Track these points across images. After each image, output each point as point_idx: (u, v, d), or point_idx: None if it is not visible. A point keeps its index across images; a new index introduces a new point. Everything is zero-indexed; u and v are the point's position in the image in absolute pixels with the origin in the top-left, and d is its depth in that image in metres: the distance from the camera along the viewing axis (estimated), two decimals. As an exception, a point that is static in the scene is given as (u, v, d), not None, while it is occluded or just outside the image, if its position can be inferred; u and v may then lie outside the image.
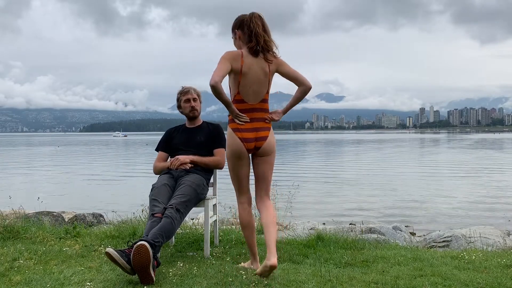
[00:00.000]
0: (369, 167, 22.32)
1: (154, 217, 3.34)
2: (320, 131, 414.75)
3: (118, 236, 4.39)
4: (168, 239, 3.26)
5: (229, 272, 3.10)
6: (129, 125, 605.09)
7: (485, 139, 70.77)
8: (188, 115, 4.11)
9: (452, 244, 4.98)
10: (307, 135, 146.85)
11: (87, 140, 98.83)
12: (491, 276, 3.03)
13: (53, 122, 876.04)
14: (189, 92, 4.08)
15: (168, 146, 4.15)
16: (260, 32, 3.11)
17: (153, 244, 3.01)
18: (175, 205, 3.40)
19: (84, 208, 9.40)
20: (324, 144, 62.79)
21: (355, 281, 2.94)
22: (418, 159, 29.54)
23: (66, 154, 40.48)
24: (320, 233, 4.33)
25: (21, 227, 4.48)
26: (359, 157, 32.44)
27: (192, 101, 4.07)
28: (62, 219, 6.20)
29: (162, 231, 3.18)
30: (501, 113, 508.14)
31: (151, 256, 2.91)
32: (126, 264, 2.91)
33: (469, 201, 11.42)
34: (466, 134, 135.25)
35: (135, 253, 2.88)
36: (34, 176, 20.03)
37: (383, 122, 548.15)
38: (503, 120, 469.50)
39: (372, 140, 77.55)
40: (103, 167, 24.59)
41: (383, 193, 12.94)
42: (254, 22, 3.11)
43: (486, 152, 35.89)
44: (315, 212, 9.83)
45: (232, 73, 3.11)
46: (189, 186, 3.63)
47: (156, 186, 3.68)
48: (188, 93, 4.07)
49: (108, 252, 2.93)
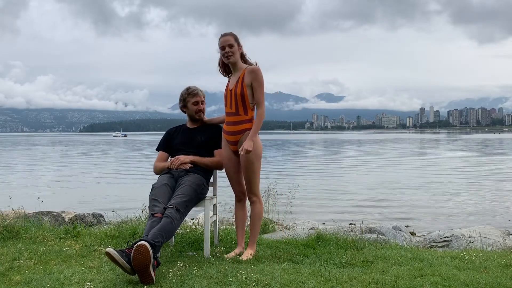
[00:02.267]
0: (369, 167, 22.32)
1: (154, 217, 3.34)
2: (320, 131, 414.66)
3: (118, 236, 4.38)
4: (168, 239, 3.26)
5: (229, 272, 3.10)
6: (129, 125, 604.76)
7: (486, 139, 70.75)
8: (194, 117, 4.09)
9: (452, 244, 4.98)
10: (307, 135, 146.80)
11: (87, 140, 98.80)
12: (491, 276, 3.03)
13: (53, 122, 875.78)
14: (198, 95, 4.05)
15: (169, 146, 4.15)
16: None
17: (153, 244, 3.01)
18: (175, 205, 3.40)
19: (84, 208, 9.40)
20: (324, 144, 62.79)
21: (355, 281, 2.94)
22: (418, 159, 29.54)
23: (74, 154, 40.51)
24: (320, 233, 4.33)
25: (21, 227, 4.48)
26: (359, 157, 32.44)
27: (200, 103, 4.06)
28: (62, 219, 6.21)
29: (162, 231, 3.18)
30: (501, 113, 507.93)
31: (151, 256, 2.91)
32: (126, 264, 2.90)
33: (469, 201, 11.42)
34: (466, 134, 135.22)
35: (135, 253, 2.88)
36: (34, 176, 20.03)
37: (383, 122, 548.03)
38: (503, 120, 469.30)
39: (372, 140, 77.55)
40: (103, 167, 24.59)
41: (383, 193, 12.95)
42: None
43: (486, 152, 35.88)
44: (315, 212, 9.84)
45: None
46: (189, 186, 3.63)
47: (156, 186, 3.67)
48: (197, 95, 4.05)
49: (109, 252, 2.93)
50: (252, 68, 3.67)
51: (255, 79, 3.63)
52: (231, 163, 3.80)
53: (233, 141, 3.73)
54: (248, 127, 3.68)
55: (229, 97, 3.72)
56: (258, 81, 3.63)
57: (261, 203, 3.86)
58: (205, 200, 3.78)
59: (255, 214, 3.79)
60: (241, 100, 3.65)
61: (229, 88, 3.74)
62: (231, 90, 3.71)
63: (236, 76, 3.73)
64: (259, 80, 3.63)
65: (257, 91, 3.63)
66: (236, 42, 3.70)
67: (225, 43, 3.67)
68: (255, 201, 3.78)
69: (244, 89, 3.64)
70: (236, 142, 3.72)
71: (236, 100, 3.66)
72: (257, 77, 3.63)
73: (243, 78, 3.66)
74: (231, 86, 3.74)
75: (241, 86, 3.64)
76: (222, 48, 3.69)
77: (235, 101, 3.67)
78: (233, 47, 3.67)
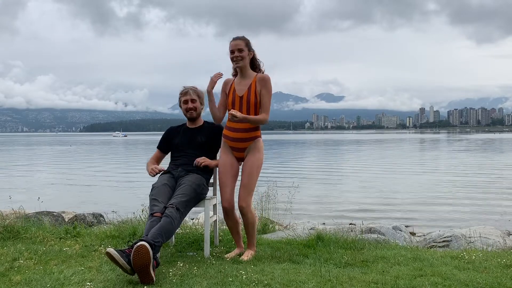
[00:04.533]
0: (369, 167, 22.32)
1: (154, 217, 3.34)
2: (320, 131, 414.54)
3: (118, 236, 4.39)
4: (168, 239, 3.26)
5: (229, 272, 3.10)
6: (129, 125, 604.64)
7: (488, 139, 70.73)
8: (185, 115, 4.10)
9: (452, 244, 4.98)
10: (307, 135, 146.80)
11: (86, 140, 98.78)
12: (491, 276, 3.03)
13: (53, 122, 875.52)
14: (188, 93, 4.03)
15: (167, 145, 4.15)
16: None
17: (153, 244, 3.01)
18: (175, 205, 3.40)
19: (84, 208, 9.40)
20: (324, 144, 62.78)
21: (355, 281, 2.94)
22: (418, 159, 29.53)
23: (77, 153, 40.51)
24: (320, 233, 4.33)
25: (21, 227, 4.48)
26: (359, 157, 32.43)
27: (190, 102, 4.03)
28: (62, 219, 6.21)
29: (162, 230, 3.18)
30: (501, 113, 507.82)
31: (151, 256, 2.92)
32: (127, 264, 2.91)
33: (469, 201, 11.42)
34: (466, 134, 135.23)
35: (135, 253, 2.88)
36: (34, 176, 20.02)
37: (383, 122, 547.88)
38: (503, 120, 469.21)
39: (372, 140, 77.53)
40: (103, 167, 24.58)
41: (383, 193, 12.94)
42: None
43: (486, 152, 35.88)
44: (315, 212, 9.84)
45: None
46: (189, 186, 3.63)
47: (156, 186, 3.68)
48: (186, 94, 4.03)
49: (109, 252, 2.93)
50: (263, 76, 3.71)
51: (264, 87, 3.68)
52: (231, 169, 3.74)
53: (242, 148, 3.71)
54: (258, 134, 3.71)
55: (239, 104, 3.70)
56: (267, 89, 3.69)
57: (252, 212, 3.73)
58: (205, 200, 3.78)
59: (248, 224, 3.73)
60: (254, 108, 3.67)
61: (238, 94, 3.72)
62: (241, 96, 3.70)
63: (245, 83, 3.72)
64: (268, 88, 3.69)
65: (265, 98, 3.67)
66: (247, 47, 3.69)
67: (235, 47, 3.68)
68: (247, 211, 3.64)
69: (257, 97, 3.67)
70: (244, 149, 3.70)
71: (248, 107, 3.67)
72: (266, 84, 3.68)
73: (255, 86, 3.67)
74: (240, 92, 3.71)
75: (255, 94, 3.66)
76: (232, 52, 3.70)
77: (246, 109, 3.67)
78: (243, 52, 3.67)
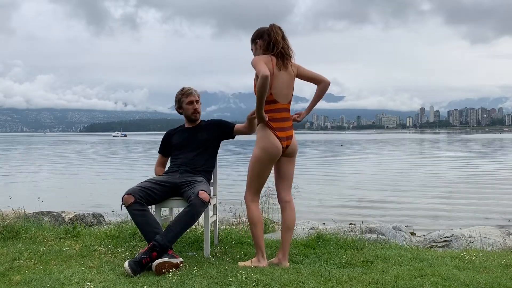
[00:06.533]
0: (369, 167, 22.32)
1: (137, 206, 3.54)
2: (320, 131, 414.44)
3: (118, 236, 4.39)
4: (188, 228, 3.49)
5: (229, 272, 3.10)
6: (129, 125, 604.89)
7: (487, 140, 70.71)
8: (190, 117, 4.04)
9: (452, 244, 4.98)
10: (307, 135, 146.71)
11: (87, 140, 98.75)
12: (491, 276, 3.03)
13: (53, 122, 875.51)
14: (192, 94, 4.00)
15: (167, 148, 4.15)
16: (279, 40, 3.37)
17: (168, 248, 3.27)
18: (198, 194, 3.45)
19: (84, 208, 9.40)
20: (324, 144, 62.77)
21: (355, 281, 2.94)
22: (418, 159, 29.54)
23: (79, 154, 40.49)
24: (320, 233, 4.33)
25: (21, 227, 4.48)
26: (359, 157, 32.44)
27: (195, 103, 4.03)
28: (62, 219, 6.20)
29: (180, 226, 3.38)
30: (501, 113, 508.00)
31: (171, 263, 3.18)
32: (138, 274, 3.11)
33: (469, 201, 11.42)
34: (466, 134, 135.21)
35: (157, 271, 3.11)
36: (35, 176, 20.03)
37: (383, 122, 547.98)
38: (503, 120, 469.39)
39: (372, 140, 77.52)
40: (103, 167, 24.59)
41: (384, 193, 12.95)
42: (274, 31, 3.38)
43: (486, 152, 35.88)
44: (315, 212, 9.83)
45: None
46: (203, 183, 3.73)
47: (149, 180, 3.78)
48: (191, 95, 4.00)
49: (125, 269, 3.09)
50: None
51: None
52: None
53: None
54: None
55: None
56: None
57: (250, 208, 3.45)
58: (205, 200, 3.78)
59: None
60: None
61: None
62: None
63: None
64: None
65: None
66: (252, 44, 3.52)
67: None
68: (246, 206, 3.50)
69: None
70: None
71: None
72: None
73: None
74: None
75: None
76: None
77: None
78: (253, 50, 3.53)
